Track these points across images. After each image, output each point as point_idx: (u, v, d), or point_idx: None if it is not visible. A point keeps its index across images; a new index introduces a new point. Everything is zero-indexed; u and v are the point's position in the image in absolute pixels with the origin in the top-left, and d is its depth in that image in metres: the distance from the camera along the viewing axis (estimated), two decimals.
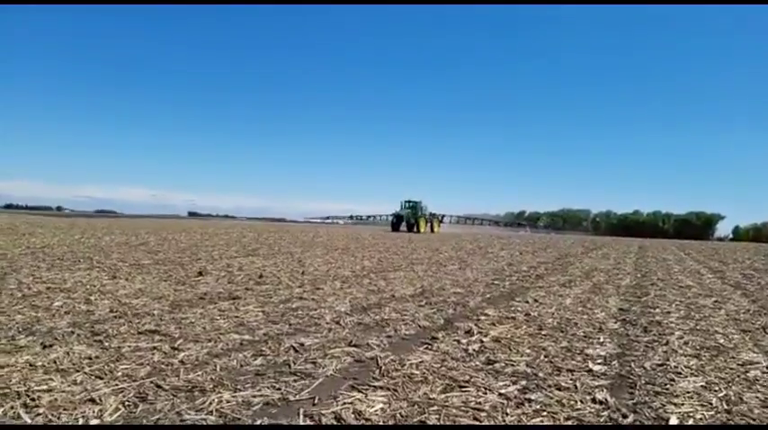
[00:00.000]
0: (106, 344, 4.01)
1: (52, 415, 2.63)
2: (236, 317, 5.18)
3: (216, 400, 2.93)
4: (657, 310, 6.54)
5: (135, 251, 12.63)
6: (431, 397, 3.14)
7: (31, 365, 3.41)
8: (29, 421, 2.56)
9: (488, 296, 7.26)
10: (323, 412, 2.85)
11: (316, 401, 3.01)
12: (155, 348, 3.94)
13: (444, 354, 4.07)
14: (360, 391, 3.19)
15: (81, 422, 2.58)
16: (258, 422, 2.70)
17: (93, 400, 2.86)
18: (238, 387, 3.18)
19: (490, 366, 3.82)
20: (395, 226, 43.58)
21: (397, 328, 4.93)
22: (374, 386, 3.29)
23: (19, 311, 5.03)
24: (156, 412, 2.75)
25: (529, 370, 3.78)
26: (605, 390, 3.37)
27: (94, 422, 2.59)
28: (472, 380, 3.48)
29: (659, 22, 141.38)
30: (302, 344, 4.21)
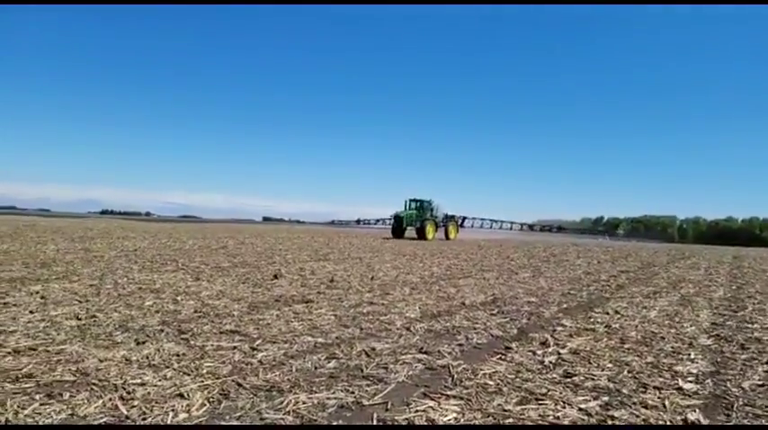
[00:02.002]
0: (192, 342, 4.26)
1: (146, 407, 2.83)
2: (310, 320, 5.32)
3: (293, 401, 3.01)
4: (756, 326, 5.96)
5: (215, 254, 13.35)
6: (506, 408, 3.05)
7: (126, 360, 3.68)
8: (125, 412, 2.76)
9: (564, 306, 6.95)
10: (396, 418, 2.85)
11: (388, 406, 3.02)
12: (235, 348, 4.13)
13: (519, 366, 3.94)
14: (432, 399, 3.16)
15: (171, 416, 2.75)
16: (334, 424, 2.75)
17: (181, 395, 3.04)
18: (314, 388, 3.26)
19: (568, 379, 3.65)
20: (395, 230, 32.15)
21: (468, 337, 4.84)
22: (447, 394, 3.25)
23: (115, 309, 5.46)
24: (238, 409, 2.88)
25: (611, 385, 3.57)
26: (698, 411, 3.12)
27: (183, 416, 2.75)
28: (549, 393, 3.34)
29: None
30: (373, 349, 4.25)
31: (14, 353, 3.73)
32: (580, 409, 3.08)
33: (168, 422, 2.67)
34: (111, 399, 2.92)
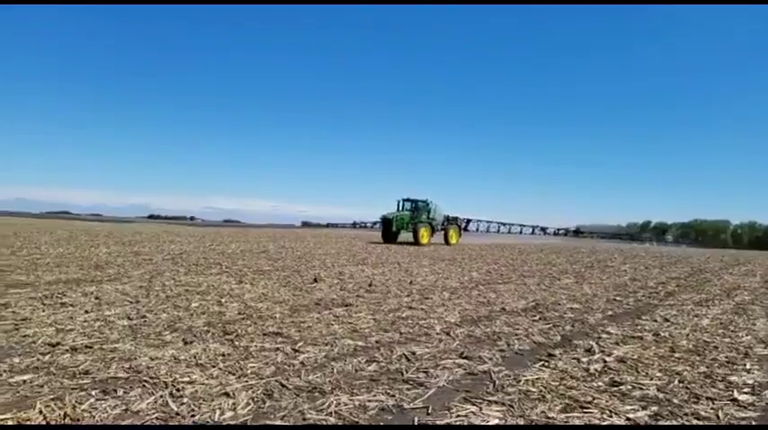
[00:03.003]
0: (236, 343, 4.37)
1: (194, 405, 2.93)
2: (350, 323, 5.37)
3: (334, 402, 3.05)
4: None
5: (257, 258, 13.65)
6: (549, 415, 2.99)
7: (175, 359, 3.82)
8: (175, 409, 2.86)
9: (610, 313, 6.74)
10: (437, 422, 2.84)
11: (429, 411, 3.01)
12: (278, 349, 4.22)
13: (563, 373, 3.85)
14: (473, 404, 3.13)
15: (217, 414, 2.83)
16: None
17: (227, 394, 3.13)
18: (355, 391, 3.28)
19: (615, 388, 3.54)
20: (386, 234, 27.65)
21: (509, 343, 4.77)
22: (488, 400, 3.21)
23: (164, 310, 5.67)
24: (281, 409, 2.93)
25: (661, 395, 3.44)
26: (754, 423, 2.96)
27: (229, 414, 2.83)
28: (595, 401, 3.25)
29: None
30: (413, 353, 4.24)
31: (72, 351, 3.93)
32: (628, 419, 2.99)
33: (215, 420, 2.75)
34: (161, 396, 3.03)
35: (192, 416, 2.78)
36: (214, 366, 3.68)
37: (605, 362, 4.20)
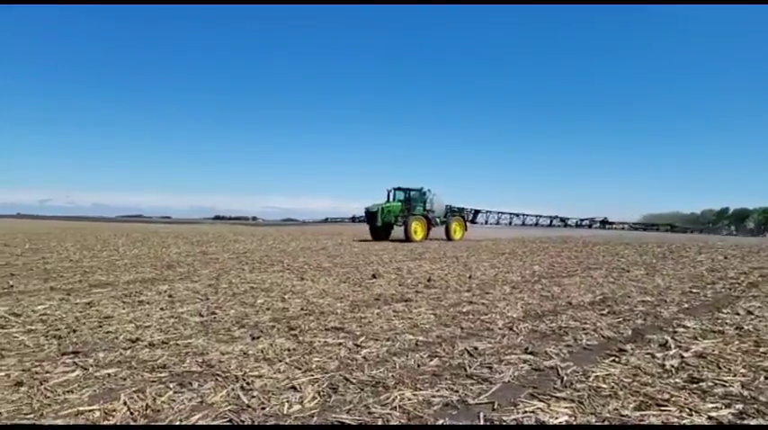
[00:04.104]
0: (300, 338, 4.49)
1: (263, 398, 3.03)
2: (410, 318, 5.37)
3: (398, 397, 3.06)
4: None
5: (317, 255, 13.95)
6: (623, 413, 2.85)
7: (244, 354, 3.97)
8: (246, 402, 2.98)
9: (686, 306, 6.35)
10: (503, 418, 2.79)
11: (495, 406, 2.96)
12: (340, 344, 4.29)
13: (636, 369, 3.67)
14: (541, 400, 3.05)
15: (286, 407, 2.92)
16: (440, 422, 2.75)
17: (294, 388, 3.21)
18: (418, 386, 3.28)
19: (694, 385, 3.33)
20: (374, 230, 23.42)
21: (577, 338, 4.60)
22: (556, 397, 3.12)
23: (231, 307, 5.91)
24: (347, 403, 2.98)
25: (746, 392, 3.20)
26: None
27: (296, 408, 2.91)
28: (673, 399, 3.07)
29: None
30: (476, 348, 4.18)
31: (150, 346, 4.18)
32: (709, 418, 2.81)
33: (284, 412, 2.84)
34: (233, 389, 3.16)
35: (263, 408, 2.88)
36: (280, 361, 3.79)
37: (682, 357, 3.96)
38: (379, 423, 2.74)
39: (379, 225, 22.70)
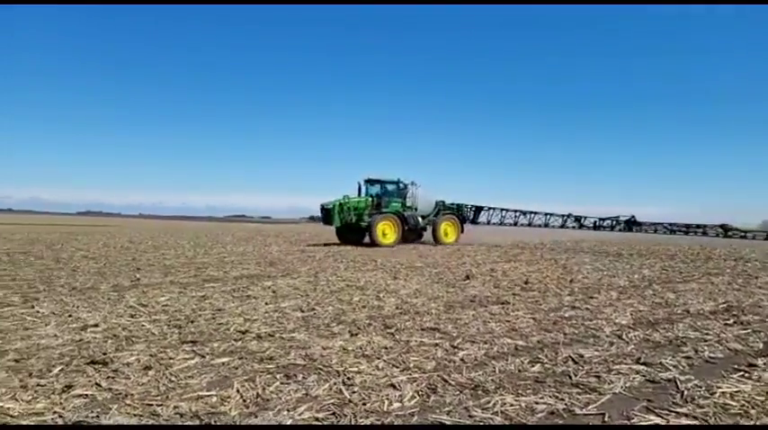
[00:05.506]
0: (397, 336, 4.53)
1: (364, 394, 3.09)
2: (507, 321, 5.21)
3: (499, 402, 2.97)
4: None
5: (408, 254, 14.05)
6: None
7: (344, 349, 4.09)
8: (348, 397, 3.05)
9: None
10: None
11: (606, 418, 2.77)
12: (437, 345, 4.26)
13: None
14: (657, 415, 2.81)
15: (386, 404, 2.95)
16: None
17: (393, 386, 3.25)
18: (520, 391, 3.17)
19: None
20: (341, 231, 19.26)
21: (697, 349, 4.18)
22: (676, 412, 2.86)
23: (329, 304, 6.12)
24: (446, 405, 2.95)
25: None
26: None
27: (396, 405, 2.93)
28: None
29: None
30: (581, 356, 3.96)
31: (258, 338, 4.44)
32: None
33: (384, 409, 2.87)
34: (335, 384, 3.27)
35: (364, 404, 2.94)
36: (378, 358, 3.85)
37: None
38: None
39: (332, 222, 18.22)
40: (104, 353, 3.86)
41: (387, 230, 18.09)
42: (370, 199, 18.79)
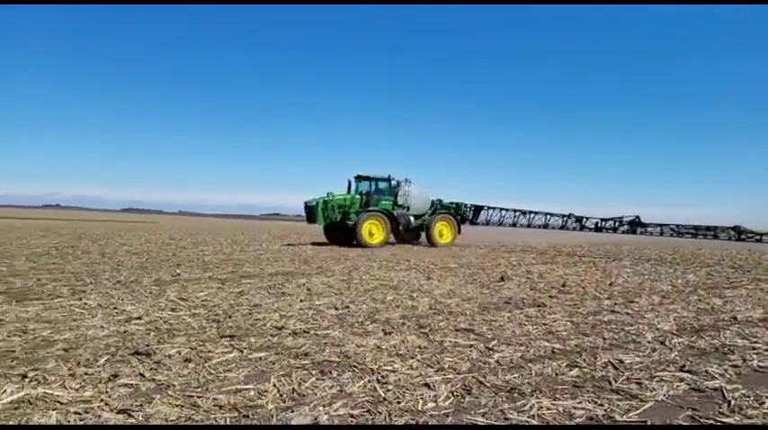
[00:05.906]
0: (431, 336, 4.51)
1: (398, 393, 3.09)
2: (544, 324, 5.12)
3: (536, 405, 2.92)
4: None
5: (441, 254, 13.98)
6: None
7: (378, 348, 4.10)
8: (382, 395, 3.06)
9: None
10: None
11: (648, 426, 2.69)
12: (471, 346, 4.22)
13: None
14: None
15: (420, 403, 2.94)
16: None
17: (427, 385, 3.23)
18: (557, 395, 3.11)
19: None
20: (329, 230, 18.59)
21: (746, 357, 4.01)
22: (723, 422, 2.74)
23: (363, 302, 6.15)
24: (481, 407, 2.92)
25: None
26: None
27: (431, 405, 2.92)
28: None
29: None
30: (621, 362, 3.85)
31: (293, 335, 4.51)
32: None
33: (419, 409, 2.86)
34: (369, 381, 3.28)
35: (398, 402, 2.94)
36: (412, 357, 3.84)
37: None
38: None
39: (315, 220, 17.35)
40: (147, 345, 3.99)
41: (373, 230, 17.08)
42: (357, 196, 17.86)
